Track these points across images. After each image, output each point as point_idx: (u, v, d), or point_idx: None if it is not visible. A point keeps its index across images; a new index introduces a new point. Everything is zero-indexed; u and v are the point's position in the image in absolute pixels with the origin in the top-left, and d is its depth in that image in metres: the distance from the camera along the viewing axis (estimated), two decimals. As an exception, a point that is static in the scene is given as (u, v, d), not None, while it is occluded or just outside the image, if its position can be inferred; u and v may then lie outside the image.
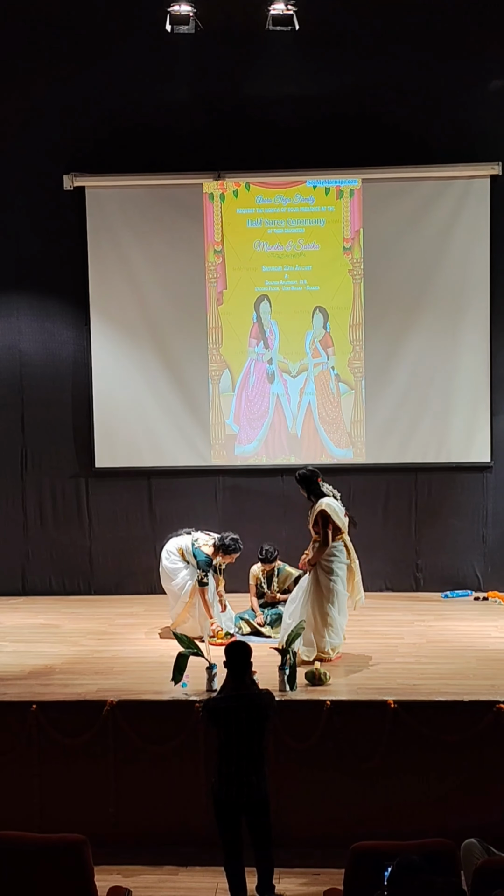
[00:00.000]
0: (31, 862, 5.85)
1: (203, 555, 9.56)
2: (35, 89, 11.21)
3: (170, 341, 11.43)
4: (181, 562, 9.73)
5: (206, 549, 9.60)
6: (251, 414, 11.49)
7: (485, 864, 5.75)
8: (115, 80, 11.12)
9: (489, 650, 9.23)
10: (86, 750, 7.80)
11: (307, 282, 11.33)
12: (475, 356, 11.21)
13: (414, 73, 10.94)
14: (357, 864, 5.72)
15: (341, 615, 9.14)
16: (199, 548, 9.61)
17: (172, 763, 7.77)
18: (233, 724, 6.72)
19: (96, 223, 11.35)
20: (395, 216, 11.21)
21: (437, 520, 11.42)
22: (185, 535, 9.83)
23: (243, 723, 6.71)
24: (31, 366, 11.61)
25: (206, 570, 9.54)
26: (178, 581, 9.72)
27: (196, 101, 11.16)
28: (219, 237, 11.34)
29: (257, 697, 6.84)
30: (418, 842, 5.76)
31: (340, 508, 9.19)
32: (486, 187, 11.04)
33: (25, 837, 6.07)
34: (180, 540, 9.80)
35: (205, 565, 9.54)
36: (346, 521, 9.22)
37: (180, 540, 9.80)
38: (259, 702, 6.81)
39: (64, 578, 11.68)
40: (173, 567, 9.76)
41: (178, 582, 9.72)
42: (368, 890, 5.33)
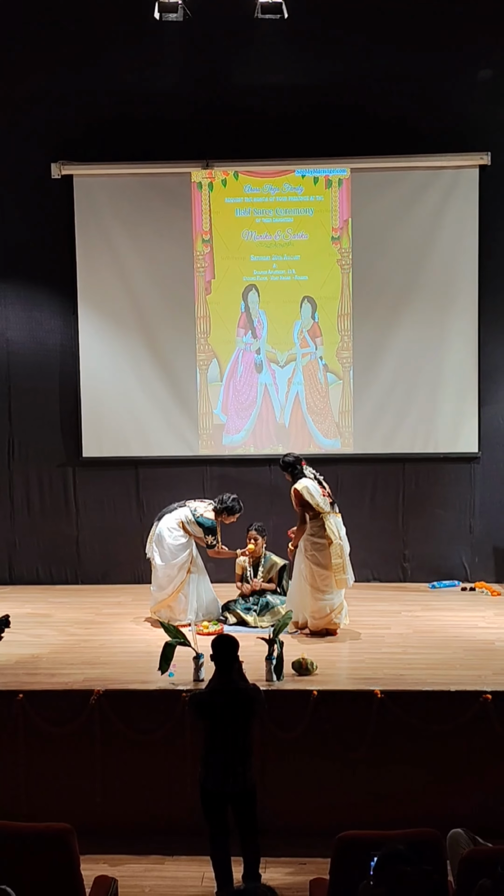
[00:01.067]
0: (16, 851, 5.84)
1: (208, 521, 9.71)
2: (23, 77, 11.16)
3: (158, 331, 11.40)
4: (183, 536, 9.77)
5: (208, 515, 9.73)
6: (239, 404, 11.47)
7: (470, 853, 5.76)
8: (104, 69, 11.07)
9: (476, 640, 9.25)
10: (72, 739, 7.79)
11: (295, 271, 11.31)
12: (463, 346, 11.21)
13: (403, 62, 10.91)
14: (343, 853, 5.73)
15: (325, 592, 9.35)
16: (202, 515, 9.73)
17: (159, 752, 7.77)
18: (218, 717, 6.71)
19: (84, 212, 11.31)
20: (383, 206, 11.20)
21: (424, 510, 11.43)
22: (179, 508, 9.88)
23: (229, 716, 6.70)
24: (18, 355, 11.57)
25: (215, 535, 9.71)
26: (183, 557, 9.75)
27: (184, 89, 11.12)
28: (207, 226, 11.31)
29: (243, 692, 6.82)
30: (404, 831, 5.77)
31: (317, 490, 9.42)
32: (475, 177, 11.03)
33: (11, 826, 6.06)
34: (177, 514, 9.84)
35: (212, 530, 9.70)
36: (327, 501, 9.43)
37: (177, 514, 9.84)
38: (244, 696, 6.79)
39: (51, 568, 11.67)
40: (178, 543, 9.76)
41: (183, 557, 9.74)
42: (354, 879, 5.34)
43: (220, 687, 6.81)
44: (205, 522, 9.73)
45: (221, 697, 6.75)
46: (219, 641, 6.93)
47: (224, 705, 6.72)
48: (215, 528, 9.77)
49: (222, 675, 6.83)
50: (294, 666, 8.21)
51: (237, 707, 6.73)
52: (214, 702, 6.75)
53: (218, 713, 6.72)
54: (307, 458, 10.98)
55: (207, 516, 9.74)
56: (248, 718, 6.79)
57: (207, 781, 6.75)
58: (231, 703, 6.73)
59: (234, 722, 6.71)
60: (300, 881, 7.05)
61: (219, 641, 6.93)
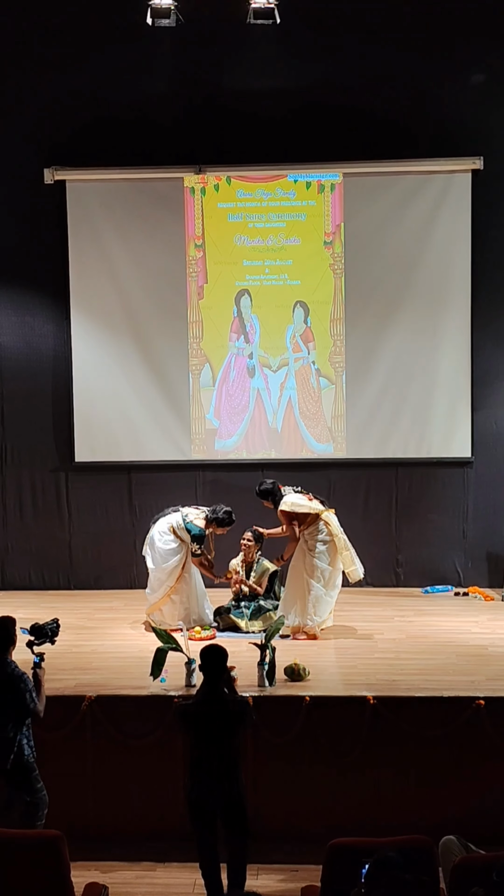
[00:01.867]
0: (7, 858, 5.82)
1: (196, 528, 9.67)
2: (15, 82, 11.16)
3: (150, 335, 11.39)
4: (174, 541, 9.76)
5: (198, 522, 9.71)
6: (231, 408, 11.46)
7: (463, 861, 5.75)
8: (96, 74, 11.07)
9: (469, 646, 9.24)
10: (64, 745, 7.76)
11: (288, 276, 11.31)
12: (456, 351, 11.21)
13: (396, 67, 10.92)
14: (334, 860, 5.71)
15: (329, 591, 9.59)
16: (192, 521, 9.70)
17: (151, 758, 7.75)
18: (203, 730, 6.61)
19: (77, 217, 11.30)
20: (376, 211, 11.20)
21: (417, 515, 11.42)
22: (172, 513, 9.89)
23: (214, 729, 6.59)
24: (10, 360, 11.55)
25: (201, 543, 9.67)
26: (173, 562, 9.75)
27: (177, 94, 11.12)
28: (199, 231, 11.30)
29: (231, 704, 6.73)
30: (396, 838, 5.75)
31: (302, 498, 9.69)
32: (468, 182, 11.02)
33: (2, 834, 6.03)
34: (169, 518, 9.85)
35: (199, 538, 9.65)
36: (316, 502, 9.69)
37: (169, 518, 9.85)
38: (231, 708, 6.69)
39: (43, 572, 11.64)
40: (168, 548, 9.78)
41: (173, 563, 9.75)
42: (346, 886, 5.32)
43: (206, 698, 6.71)
44: (192, 529, 9.70)
45: (207, 709, 6.65)
46: (207, 651, 6.80)
47: (210, 718, 6.61)
48: (202, 537, 9.72)
49: (210, 686, 6.72)
50: (286, 671, 8.19)
51: (223, 720, 6.62)
52: (200, 713, 6.66)
53: (203, 726, 6.62)
54: (299, 462, 11.07)
55: (197, 524, 9.72)
56: (235, 732, 6.69)
57: (193, 792, 6.67)
58: (217, 715, 6.62)
59: (220, 735, 6.61)
60: (292, 888, 7.04)
61: (207, 651, 6.80)
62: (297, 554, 9.79)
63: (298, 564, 9.74)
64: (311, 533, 9.68)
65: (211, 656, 6.76)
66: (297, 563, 9.77)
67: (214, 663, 6.73)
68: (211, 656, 6.76)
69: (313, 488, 10.24)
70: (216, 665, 6.73)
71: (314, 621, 9.54)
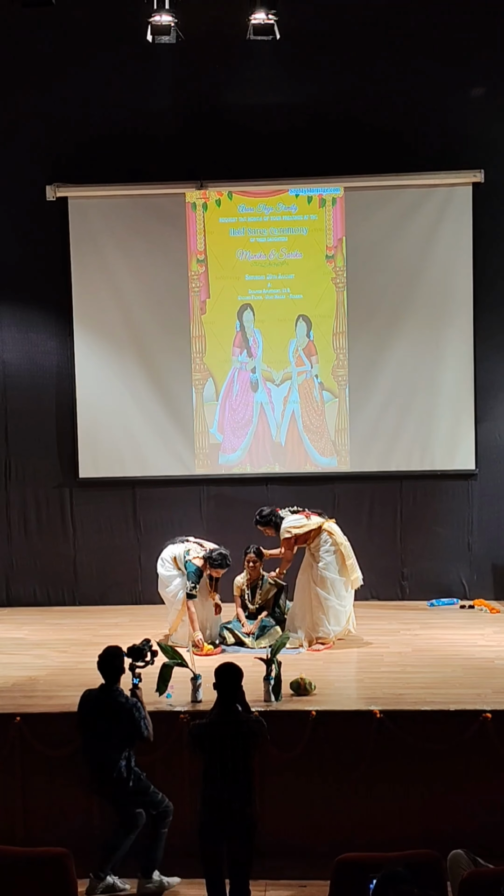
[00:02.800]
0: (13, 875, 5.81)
1: (193, 566, 9.62)
2: (17, 100, 11.20)
3: (153, 351, 11.41)
4: (175, 570, 9.79)
5: (196, 562, 9.64)
6: (235, 423, 11.47)
7: (471, 875, 5.73)
8: (98, 91, 11.12)
9: (475, 659, 9.21)
10: (70, 762, 7.73)
11: (290, 290, 11.32)
12: (459, 363, 11.21)
13: (396, 81, 10.95)
14: (342, 875, 5.69)
15: (340, 600, 9.69)
16: (191, 560, 9.65)
17: (157, 774, 7.70)
18: (216, 750, 6.52)
19: (79, 233, 11.33)
20: (377, 224, 11.22)
21: (421, 528, 11.41)
22: (180, 544, 9.89)
23: (227, 749, 6.50)
24: (14, 376, 11.57)
25: (195, 583, 9.56)
26: (172, 588, 9.80)
27: (178, 110, 11.16)
28: (201, 246, 11.32)
29: (245, 724, 6.61)
30: (404, 853, 5.74)
31: (298, 517, 9.77)
32: (469, 195, 11.05)
33: (8, 851, 6.04)
34: (175, 548, 9.87)
35: (194, 577, 9.57)
36: (313, 515, 9.76)
37: (175, 548, 9.87)
38: (244, 729, 6.58)
39: (48, 589, 11.63)
40: (167, 574, 9.85)
41: (172, 589, 9.80)
42: (354, 902, 5.31)
43: (220, 719, 6.62)
44: (189, 567, 9.64)
45: (220, 729, 6.56)
46: (222, 669, 6.71)
47: (222, 737, 6.52)
48: (198, 576, 9.62)
49: (224, 706, 6.64)
50: (292, 686, 8.17)
51: (237, 740, 6.52)
52: (213, 734, 6.56)
53: (217, 746, 6.52)
54: (303, 476, 11.07)
55: (195, 562, 9.64)
56: (249, 753, 6.57)
57: (203, 815, 6.57)
58: (230, 734, 6.52)
59: (234, 756, 6.50)
60: (300, 904, 7.02)
61: (222, 669, 6.71)
62: (303, 567, 9.85)
63: (305, 578, 9.78)
64: (316, 546, 9.74)
65: (226, 674, 6.67)
66: (303, 577, 9.81)
67: (230, 681, 6.65)
68: (226, 674, 6.67)
69: (317, 502, 10.25)
70: (231, 683, 6.65)
71: (331, 630, 9.63)
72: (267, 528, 9.88)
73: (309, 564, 9.79)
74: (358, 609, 10.31)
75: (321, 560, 9.68)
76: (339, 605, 9.73)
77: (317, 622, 9.64)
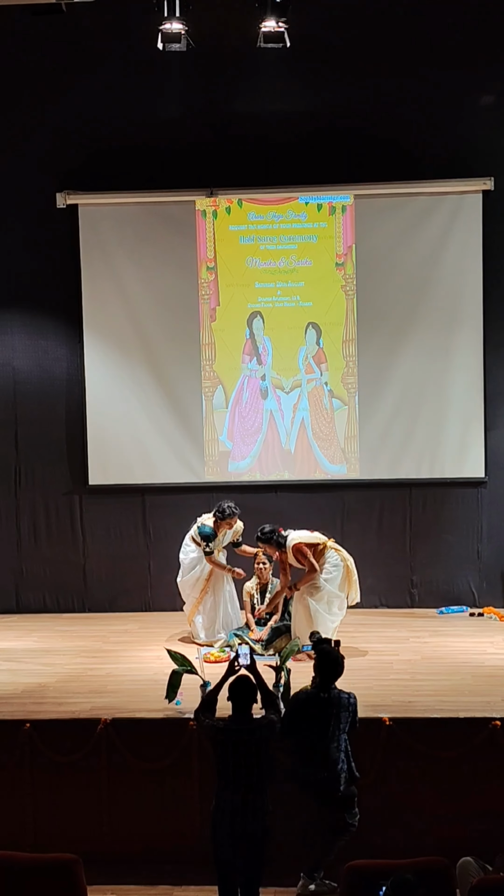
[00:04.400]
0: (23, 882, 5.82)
1: (206, 527, 9.92)
2: (28, 108, 11.23)
3: (163, 358, 11.42)
4: (194, 550, 10.04)
5: (207, 522, 9.95)
6: (245, 430, 11.47)
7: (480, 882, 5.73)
8: (108, 98, 11.15)
9: (485, 666, 9.20)
10: (79, 768, 7.78)
11: (300, 298, 11.34)
12: (468, 371, 11.21)
13: (405, 88, 10.96)
14: (352, 882, 5.70)
15: (331, 615, 9.54)
16: (202, 523, 9.96)
17: (166, 781, 7.74)
18: (230, 756, 6.56)
19: (89, 241, 11.35)
20: (387, 232, 11.22)
21: (431, 535, 11.39)
22: (193, 525, 10.16)
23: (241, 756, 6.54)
24: (24, 383, 11.59)
25: (209, 541, 9.89)
26: (196, 571, 10.03)
27: (188, 118, 11.18)
28: (211, 254, 11.34)
29: (257, 731, 6.66)
30: (413, 860, 5.74)
31: (305, 533, 9.69)
32: (479, 202, 11.04)
33: (18, 857, 6.04)
34: (191, 530, 10.12)
35: (207, 537, 9.89)
36: (315, 534, 9.70)
37: (191, 530, 10.12)
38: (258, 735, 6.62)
39: (58, 596, 11.64)
40: (189, 559, 10.07)
41: (196, 572, 10.03)
42: (363, 909, 5.31)
43: (235, 726, 6.66)
44: (203, 529, 9.97)
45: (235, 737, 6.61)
46: (237, 684, 6.77)
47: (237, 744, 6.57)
48: (212, 536, 9.92)
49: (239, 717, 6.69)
50: (301, 693, 8.16)
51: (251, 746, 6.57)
52: (227, 740, 6.61)
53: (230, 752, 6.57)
54: (313, 483, 11.07)
55: (207, 524, 9.97)
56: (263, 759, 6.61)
57: (216, 820, 6.58)
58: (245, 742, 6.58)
59: (248, 762, 6.55)
60: (310, 911, 7.01)
61: (237, 684, 6.77)
62: None
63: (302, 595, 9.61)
64: (322, 562, 9.63)
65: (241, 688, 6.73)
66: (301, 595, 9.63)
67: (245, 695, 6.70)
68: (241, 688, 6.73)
69: (327, 509, 10.27)
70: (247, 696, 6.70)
71: None
72: (268, 545, 9.73)
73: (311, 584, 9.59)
74: (367, 616, 10.34)
75: (325, 573, 9.57)
76: (330, 619, 9.53)
77: (299, 631, 9.44)
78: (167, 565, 11.23)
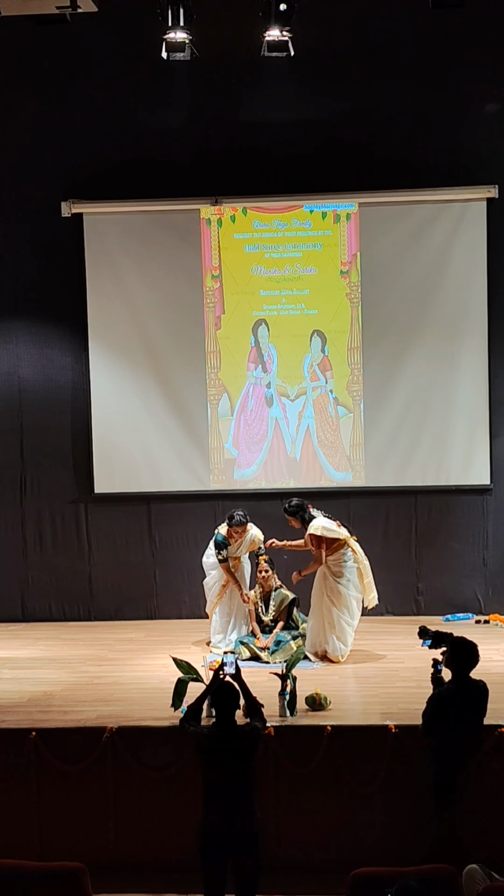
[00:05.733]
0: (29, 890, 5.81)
1: (220, 536, 10.05)
2: (32, 116, 11.27)
3: (168, 366, 11.44)
4: (213, 556, 10.20)
5: (221, 531, 10.07)
6: (250, 438, 11.48)
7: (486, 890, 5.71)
8: (113, 107, 11.19)
9: (491, 674, 9.10)
10: (85, 776, 7.76)
11: (305, 306, 11.35)
12: (474, 378, 11.21)
13: (409, 96, 10.99)
14: (357, 890, 5.68)
15: (353, 619, 9.73)
16: (218, 531, 10.11)
17: (172, 789, 7.72)
18: (215, 763, 6.52)
19: (94, 249, 11.38)
20: (392, 240, 11.24)
21: (437, 543, 11.39)
22: None
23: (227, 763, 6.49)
24: (30, 392, 11.62)
25: (221, 549, 10.00)
26: (214, 574, 10.22)
27: (193, 127, 11.21)
28: (216, 262, 11.36)
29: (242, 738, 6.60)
30: (419, 867, 5.72)
31: (331, 523, 9.78)
32: (483, 210, 11.07)
33: (24, 865, 6.04)
34: None
35: (219, 545, 10.02)
36: (342, 530, 9.81)
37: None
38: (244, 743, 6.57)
39: (64, 604, 11.65)
40: (209, 562, 10.28)
41: (214, 575, 10.22)
42: (369, 916, 5.30)
43: (219, 733, 6.61)
44: (216, 538, 10.08)
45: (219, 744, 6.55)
46: (219, 692, 6.73)
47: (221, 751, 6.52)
48: (224, 544, 10.02)
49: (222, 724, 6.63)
50: (307, 701, 8.17)
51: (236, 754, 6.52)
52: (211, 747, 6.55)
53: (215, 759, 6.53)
54: (318, 491, 11.07)
55: (221, 532, 10.07)
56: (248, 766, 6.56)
57: (204, 828, 6.51)
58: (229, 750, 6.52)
59: (233, 770, 6.50)
60: (315, 919, 7.00)
61: (219, 692, 6.73)
62: (318, 581, 9.83)
63: (320, 592, 9.78)
64: (335, 560, 9.75)
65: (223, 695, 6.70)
66: (318, 592, 9.81)
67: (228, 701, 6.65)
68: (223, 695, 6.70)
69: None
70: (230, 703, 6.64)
71: (341, 651, 9.66)
72: (293, 518, 9.92)
73: (324, 577, 9.79)
74: (373, 624, 10.32)
75: (343, 576, 9.70)
76: (350, 623, 9.73)
77: (326, 640, 9.65)
78: (173, 573, 11.29)
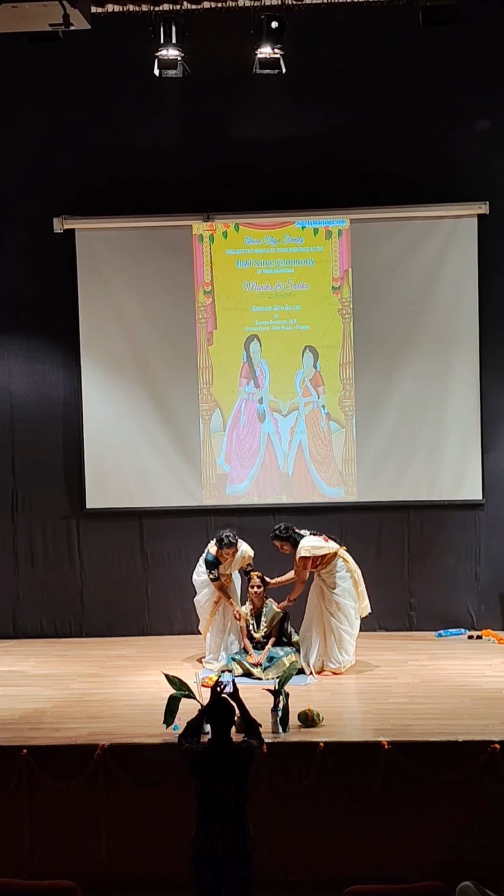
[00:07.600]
0: (21, 909, 5.79)
1: (209, 555, 10.00)
2: (24, 132, 11.29)
3: (160, 382, 11.44)
4: (204, 574, 10.15)
5: (212, 550, 10.02)
6: (242, 453, 11.48)
7: (480, 906, 5.70)
8: (105, 123, 11.21)
9: (483, 689, 9.18)
10: (77, 794, 7.72)
11: (297, 321, 11.37)
12: (465, 393, 11.23)
13: (401, 113, 11.03)
14: (351, 908, 5.66)
15: (352, 628, 9.83)
16: (208, 551, 10.07)
17: (165, 806, 7.69)
18: (208, 779, 6.45)
19: (86, 265, 11.39)
20: (383, 256, 11.27)
21: (429, 558, 11.39)
22: None
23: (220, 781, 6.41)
24: (21, 407, 11.61)
25: (211, 569, 9.96)
26: (205, 593, 10.17)
27: (185, 143, 11.24)
28: (208, 278, 11.38)
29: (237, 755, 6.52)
30: (412, 885, 5.71)
31: (317, 540, 9.84)
32: (474, 226, 11.10)
33: (15, 884, 6.01)
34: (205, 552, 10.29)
35: (209, 564, 9.98)
36: (330, 543, 9.85)
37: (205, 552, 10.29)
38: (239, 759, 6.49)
39: (55, 621, 11.62)
40: (200, 580, 10.23)
41: (207, 591, 10.15)
42: (362, 935, 5.28)
43: (214, 749, 6.54)
44: (207, 557, 10.05)
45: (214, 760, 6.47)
46: (215, 708, 6.66)
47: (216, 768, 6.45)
48: (215, 563, 9.98)
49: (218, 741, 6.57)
50: (300, 717, 8.14)
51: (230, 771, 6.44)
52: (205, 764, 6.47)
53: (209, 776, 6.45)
54: (311, 506, 11.08)
55: (211, 551, 10.02)
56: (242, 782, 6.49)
57: (197, 843, 6.44)
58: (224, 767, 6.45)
59: (226, 786, 6.43)
60: (308, 937, 6.97)
61: (215, 708, 6.66)
62: (313, 594, 9.88)
63: (316, 605, 9.83)
64: (328, 572, 9.80)
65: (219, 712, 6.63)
66: (314, 604, 9.85)
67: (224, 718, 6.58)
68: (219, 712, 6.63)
69: (325, 532, 10.24)
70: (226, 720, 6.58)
71: (344, 661, 9.73)
72: (284, 543, 9.92)
73: (319, 590, 9.83)
74: (365, 639, 10.30)
75: (337, 586, 9.76)
76: (350, 633, 9.79)
77: (329, 651, 9.71)
78: (165, 589, 11.27)
